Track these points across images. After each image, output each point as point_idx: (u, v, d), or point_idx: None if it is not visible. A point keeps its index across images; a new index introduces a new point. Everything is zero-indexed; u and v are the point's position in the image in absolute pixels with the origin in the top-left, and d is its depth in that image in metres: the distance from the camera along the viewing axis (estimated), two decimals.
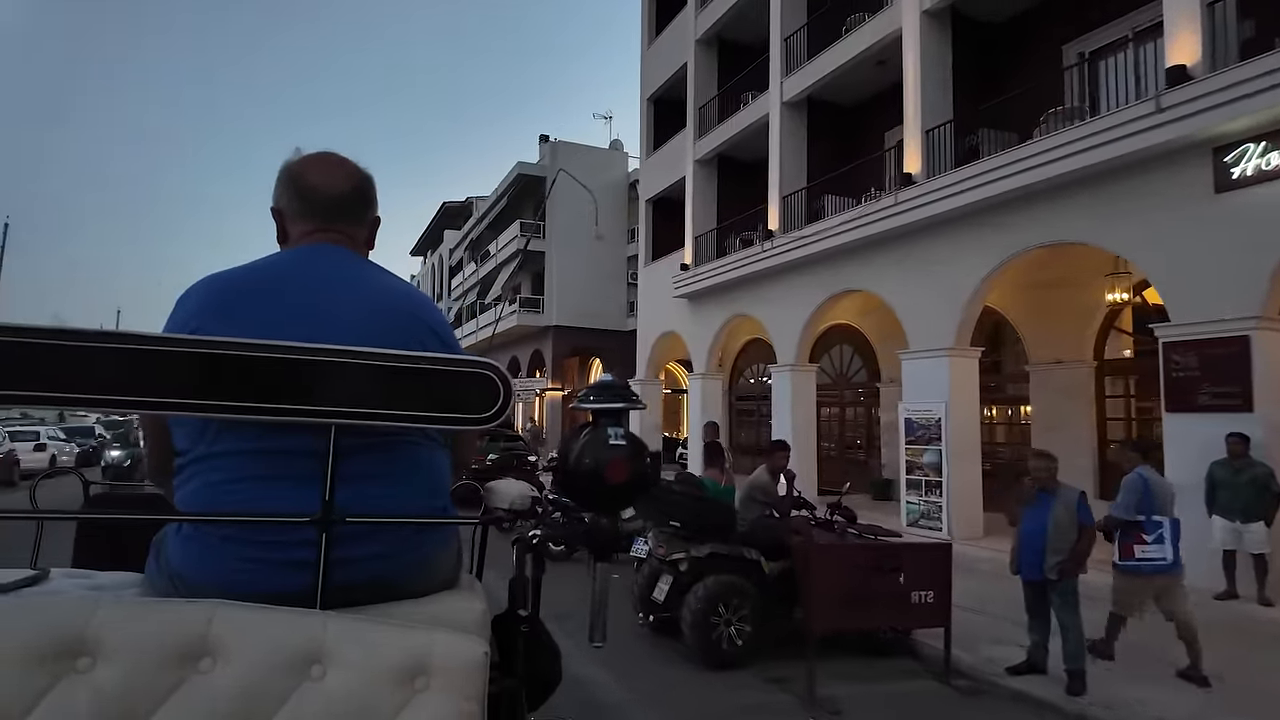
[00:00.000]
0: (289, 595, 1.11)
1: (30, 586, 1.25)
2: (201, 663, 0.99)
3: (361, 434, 1.19)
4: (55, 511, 1.21)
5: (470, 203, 42.02)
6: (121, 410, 1.10)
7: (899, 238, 11.67)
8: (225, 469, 1.18)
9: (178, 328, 1.21)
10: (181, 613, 1.02)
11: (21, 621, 0.98)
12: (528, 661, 1.33)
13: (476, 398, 1.18)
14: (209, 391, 1.07)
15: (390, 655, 1.03)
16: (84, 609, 0.99)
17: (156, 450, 1.31)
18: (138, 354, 1.04)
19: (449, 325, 1.42)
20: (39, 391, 1.02)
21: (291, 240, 1.42)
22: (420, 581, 1.28)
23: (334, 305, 1.26)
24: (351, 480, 1.18)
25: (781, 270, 14.47)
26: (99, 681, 0.95)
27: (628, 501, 1.33)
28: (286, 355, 1.09)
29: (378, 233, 1.51)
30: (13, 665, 0.93)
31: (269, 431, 1.16)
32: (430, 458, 1.32)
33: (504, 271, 31.22)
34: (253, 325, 1.17)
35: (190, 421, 1.20)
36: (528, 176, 29.05)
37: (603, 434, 1.29)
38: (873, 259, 12.34)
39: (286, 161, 1.43)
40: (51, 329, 1.01)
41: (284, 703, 0.99)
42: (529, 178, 29.09)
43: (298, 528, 1.14)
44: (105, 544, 1.79)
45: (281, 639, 1.01)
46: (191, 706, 0.97)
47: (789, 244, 13.96)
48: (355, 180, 1.44)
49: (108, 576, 1.42)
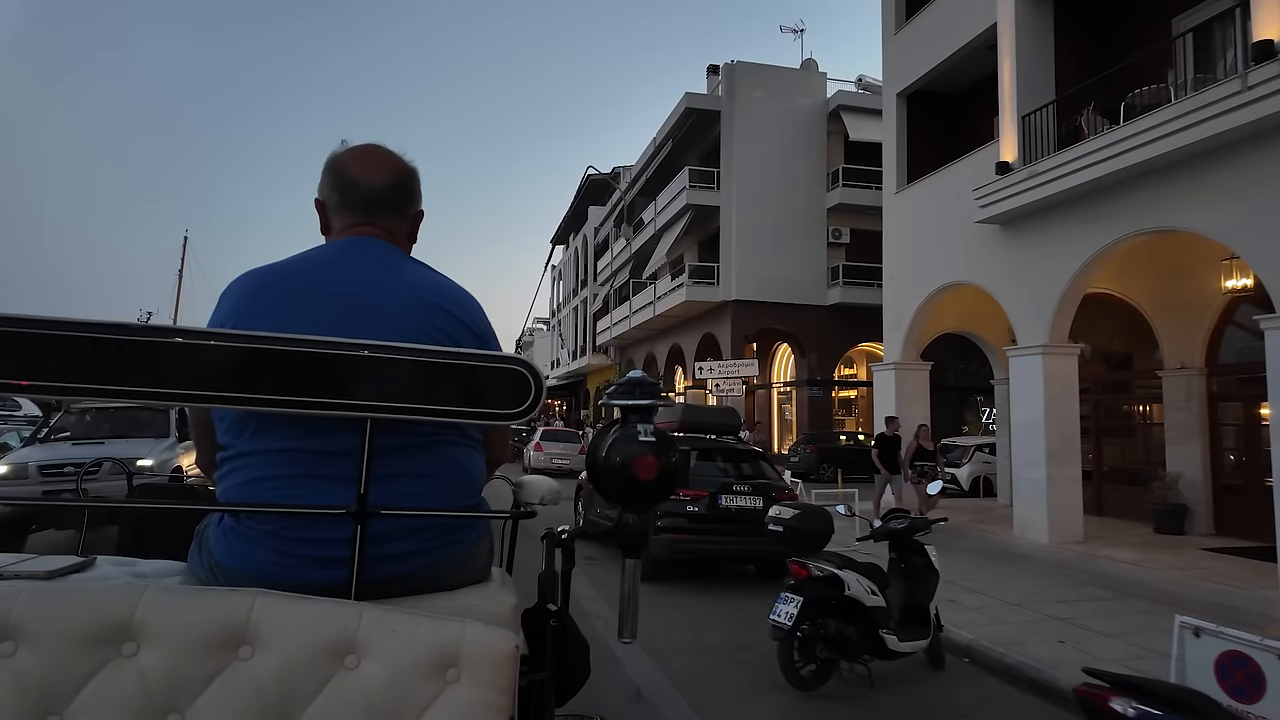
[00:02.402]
0: (324, 589, 1.13)
1: (78, 573, 1.27)
2: (241, 650, 1.01)
3: (397, 434, 1.22)
4: (101, 501, 1.56)
5: (617, 173, 36.59)
6: (158, 402, 1.31)
7: None
8: (263, 466, 1.21)
9: (218, 323, 1.25)
10: (223, 601, 1.05)
11: (70, 606, 1.02)
12: (556, 656, 1.31)
13: (507, 393, 1.20)
14: (245, 385, 1.10)
15: (423, 647, 1.04)
16: (130, 595, 1.03)
17: (202, 443, 1.37)
18: (175, 347, 1.09)
19: (487, 321, 1.42)
20: (83, 384, 1.08)
21: (334, 233, 1.43)
22: (452, 576, 1.30)
23: (369, 300, 1.28)
24: (387, 479, 1.20)
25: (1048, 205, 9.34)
26: (144, 665, 0.99)
27: (658, 499, 1.32)
28: (319, 350, 1.12)
29: (419, 227, 1.53)
30: (62, 648, 0.97)
31: (307, 430, 1.19)
32: (464, 456, 1.34)
33: (665, 238, 25.22)
34: (289, 320, 1.20)
35: (230, 416, 1.23)
36: (698, 112, 22.88)
37: (632, 431, 1.29)
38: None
39: (332, 153, 1.43)
40: (95, 323, 1.06)
41: (320, 691, 1.01)
42: (699, 114, 22.92)
43: (334, 525, 1.16)
44: (149, 533, 1.94)
45: (318, 629, 1.03)
46: (232, 692, 1.00)
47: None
48: (397, 174, 1.43)
49: (150, 565, 1.45)
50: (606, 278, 34.83)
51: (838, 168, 22.18)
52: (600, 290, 36.39)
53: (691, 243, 25.30)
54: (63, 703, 0.96)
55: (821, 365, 22.34)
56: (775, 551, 7.74)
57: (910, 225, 13.88)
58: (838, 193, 21.96)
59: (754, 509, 7.54)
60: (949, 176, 12.69)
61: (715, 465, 8.09)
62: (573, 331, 41.91)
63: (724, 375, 14.73)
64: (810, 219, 22.31)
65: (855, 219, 22.46)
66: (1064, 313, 10.44)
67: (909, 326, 13.70)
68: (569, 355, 41.94)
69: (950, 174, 12.68)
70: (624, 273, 31.65)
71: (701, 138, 23.83)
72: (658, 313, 25.23)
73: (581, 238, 40.22)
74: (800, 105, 22.62)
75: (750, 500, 7.57)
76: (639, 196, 29.29)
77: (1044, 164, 10.00)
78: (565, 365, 41.97)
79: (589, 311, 37.68)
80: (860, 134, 21.73)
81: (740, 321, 22.01)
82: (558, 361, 45.64)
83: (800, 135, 22.48)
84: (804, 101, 22.69)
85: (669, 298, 24.09)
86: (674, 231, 24.22)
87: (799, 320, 21.98)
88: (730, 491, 7.58)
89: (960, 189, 12.12)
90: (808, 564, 4.68)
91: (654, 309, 25.57)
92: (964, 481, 16.33)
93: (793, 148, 22.32)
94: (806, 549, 4.76)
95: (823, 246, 22.39)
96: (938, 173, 13.05)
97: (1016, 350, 11.03)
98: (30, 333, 1.04)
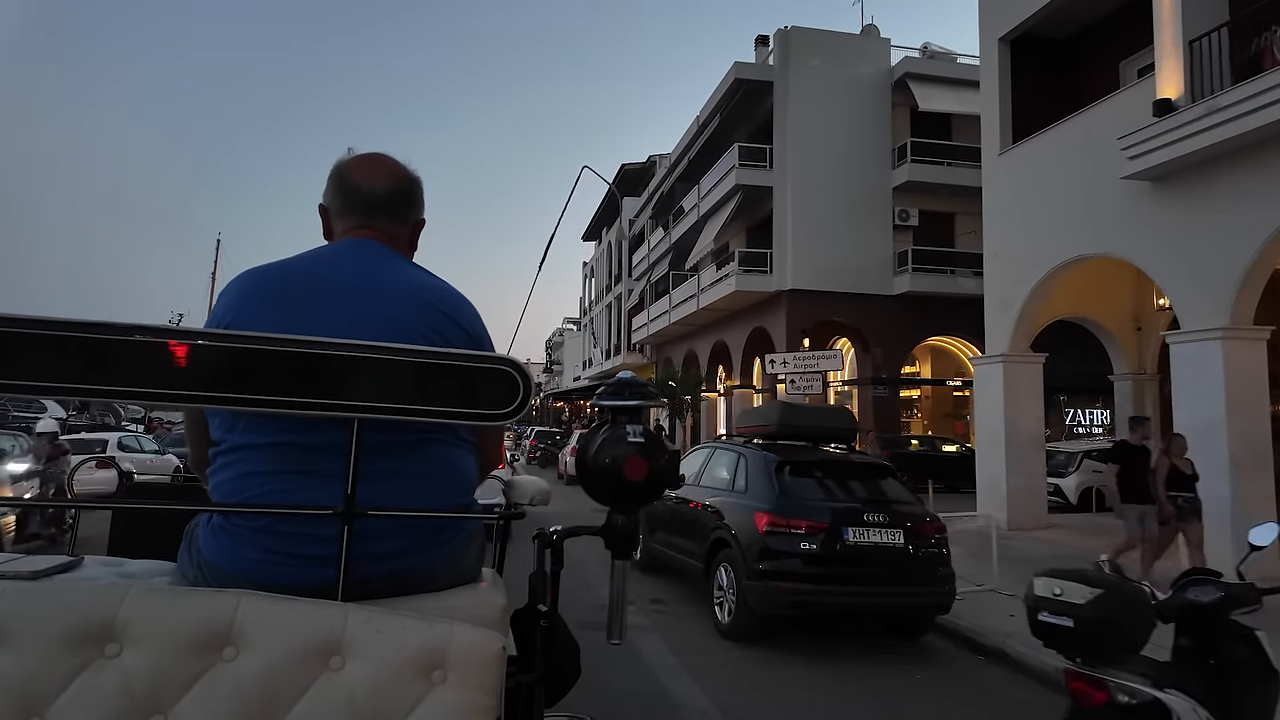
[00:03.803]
0: (313, 588, 1.12)
1: (64, 573, 1.29)
2: (225, 651, 1.00)
3: (388, 432, 1.21)
4: (90, 500, 1.49)
5: (653, 162, 34.65)
6: (151, 402, 1.16)
7: None
8: (253, 461, 1.21)
9: (217, 320, 1.26)
10: (207, 602, 1.04)
11: (53, 607, 1.01)
12: (546, 657, 1.30)
13: (495, 394, 1.18)
14: (234, 385, 1.10)
15: (408, 648, 1.03)
16: (113, 596, 1.02)
17: (196, 442, 1.36)
18: (165, 348, 1.07)
19: (481, 323, 1.41)
20: (71, 384, 1.07)
21: (335, 236, 1.45)
22: (441, 576, 1.30)
23: (363, 298, 1.29)
24: (377, 477, 1.20)
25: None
26: (127, 666, 0.98)
27: (647, 499, 1.32)
28: (308, 350, 1.11)
29: (419, 235, 1.54)
30: (44, 649, 0.97)
31: (297, 425, 1.19)
32: (455, 456, 1.34)
33: (710, 224, 23.19)
34: (284, 318, 1.21)
35: (223, 411, 1.22)
36: (748, 83, 20.79)
37: (621, 431, 1.28)
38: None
39: (338, 160, 1.46)
40: (84, 323, 1.04)
41: (304, 692, 1.00)
42: (750, 85, 20.83)
43: (323, 523, 1.15)
44: (140, 532, 1.88)
45: (303, 629, 1.02)
46: (216, 693, 0.99)
47: None
48: (398, 180, 1.45)
49: (139, 565, 1.46)
50: (643, 271, 32.87)
51: (904, 142, 19.96)
52: (636, 285, 34.43)
53: (739, 229, 23.23)
54: (45, 704, 0.96)
55: (887, 362, 20.14)
56: (920, 607, 5.72)
57: (1020, 191, 11.72)
58: (904, 169, 19.76)
59: (891, 547, 5.53)
60: (1075, 129, 10.53)
61: (832, 485, 6.08)
62: (606, 330, 40.01)
63: (800, 369, 12.63)
64: (874, 199, 20.11)
65: (924, 199, 20.23)
66: (1250, 288, 8.26)
67: (1020, 312, 11.54)
68: (602, 354, 40.04)
69: (1077, 125, 10.51)
70: (662, 265, 29.68)
71: (751, 113, 21.76)
72: (702, 305, 23.19)
73: (615, 231, 38.32)
74: (862, 74, 20.44)
75: (887, 535, 5.55)
76: (679, 183, 27.27)
77: (1227, 96, 7.82)
78: (598, 365, 40.07)
79: (624, 308, 35.77)
80: (931, 104, 19.53)
81: (796, 313, 19.89)
82: (589, 361, 43.79)
83: (862, 107, 20.30)
84: (865, 70, 20.50)
85: (715, 289, 22.04)
86: (720, 216, 22.17)
87: (861, 311, 19.80)
88: (858, 522, 5.58)
89: (1091, 143, 9.96)
90: (1105, 679, 2.68)
91: (698, 301, 23.52)
92: (1071, 494, 14.08)
93: (854, 121, 20.16)
94: (1104, 654, 2.75)
95: (888, 229, 20.18)
96: (1059, 125, 10.87)
97: (1181, 336, 8.85)
98: (18, 333, 1.03)
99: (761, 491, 5.92)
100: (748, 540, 5.66)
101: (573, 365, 52.20)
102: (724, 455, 7.03)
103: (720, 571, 5.95)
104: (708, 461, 7.23)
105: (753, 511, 5.72)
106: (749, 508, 5.84)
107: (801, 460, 6.28)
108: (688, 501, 7.03)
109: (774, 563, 5.45)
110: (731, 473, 6.53)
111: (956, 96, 19.93)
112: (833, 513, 5.64)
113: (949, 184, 19.77)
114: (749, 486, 6.12)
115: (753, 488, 6.06)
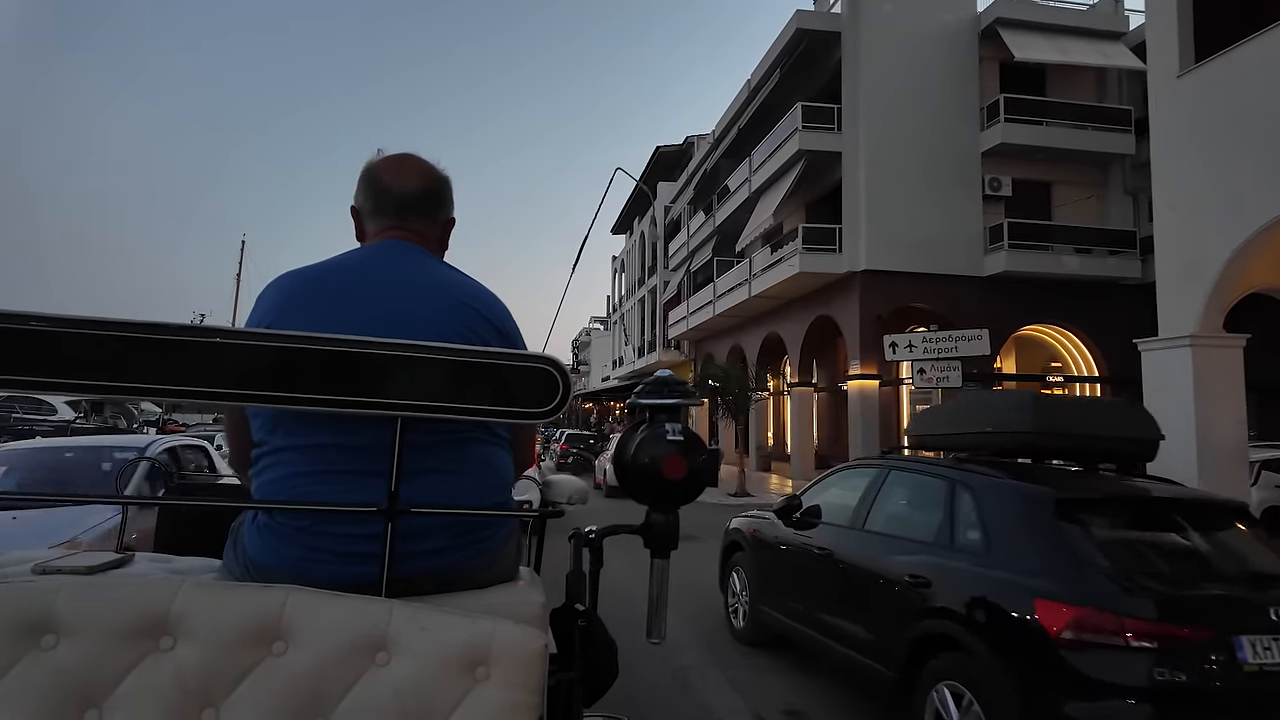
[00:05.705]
0: (355, 585, 1.14)
1: (116, 569, 1.32)
2: (275, 645, 1.02)
3: (428, 431, 1.23)
4: (138, 497, 1.49)
5: (690, 143, 32.08)
6: (195, 401, 1.17)
7: None
8: (296, 462, 1.24)
9: (256, 323, 1.28)
10: (257, 597, 1.06)
11: (110, 601, 1.03)
12: (584, 656, 1.30)
13: (536, 392, 1.20)
14: (279, 384, 1.12)
15: (452, 644, 1.04)
16: (167, 591, 1.04)
17: (237, 442, 1.38)
18: (213, 347, 1.10)
19: (512, 320, 1.43)
20: (120, 383, 1.09)
21: (368, 238, 1.47)
22: (480, 574, 1.32)
23: (400, 299, 1.31)
24: (418, 475, 1.22)
25: None
26: (180, 659, 1.00)
27: (686, 498, 1.33)
28: (351, 349, 1.13)
29: (450, 234, 1.56)
30: (101, 642, 0.99)
31: (338, 426, 1.22)
32: (492, 454, 1.36)
33: (764, 201, 20.54)
34: (323, 320, 1.22)
35: (265, 413, 1.25)
36: (811, 34, 18.11)
37: (660, 430, 1.32)
38: None
39: (368, 162, 1.48)
40: (134, 323, 1.06)
41: (351, 687, 1.01)
42: (813, 37, 18.15)
43: (366, 522, 1.18)
44: (186, 530, 1.99)
45: (350, 625, 1.04)
46: (266, 687, 1.00)
47: None
48: (429, 180, 1.48)
49: (186, 562, 1.52)
50: (681, 261, 30.28)
51: (995, 99, 17.20)
52: (672, 277, 31.83)
53: (798, 205, 20.54)
54: (102, 695, 0.98)
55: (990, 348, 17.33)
56: None
57: (1210, 124, 8.98)
58: (996, 130, 16.99)
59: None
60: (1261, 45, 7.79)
61: (1176, 550, 3.49)
62: (638, 326, 37.41)
63: (935, 354, 9.98)
64: (960, 166, 17.35)
65: (1019, 165, 17.46)
66: None
67: (1216, 281, 8.80)
68: (634, 352, 37.42)
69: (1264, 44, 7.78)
70: (704, 252, 27.06)
71: (814, 71, 19.09)
72: (754, 293, 20.55)
73: (648, 221, 35.74)
74: (943, 21, 17.69)
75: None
76: (723, 159, 24.67)
77: None
78: (630, 363, 37.49)
79: (658, 302, 33.17)
80: (1027, 53, 16.76)
81: (871, 298, 17.20)
82: (620, 360, 41.25)
83: (945, 60, 17.56)
84: (947, 17, 17.74)
85: (771, 273, 19.38)
86: (778, 190, 19.49)
87: (947, 296, 17.04)
88: (1263, 626, 2.93)
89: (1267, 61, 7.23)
90: None
91: (749, 289, 20.88)
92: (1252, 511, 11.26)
93: (935, 76, 17.43)
94: None
95: (977, 201, 17.41)
96: (1271, 31, 8.13)
97: None
98: (70, 333, 1.05)
99: (1036, 557, 3.27)
100: (1018, 649, 3.09)
101: (600, 365, 49.74)
102: (913, 482, 4.35)
103: (946, 698, 3.35)
104: (876, 491, 4.52)
105: (1024, 594, 3.13)
106: (1009, 585, 3.23)
107: (1106, 497, 3.66)
108: (834, 555, 4.46)
109: (1091, 705, 2.83)
110: (944, 514, 3.88)
111: (1056, 45, 17.17)
112: (1211, 607, 3.05)
113: (1049, 147, 17.04)
114: (994, 543, 3.49)
115: (1008, 546, 3.41)
